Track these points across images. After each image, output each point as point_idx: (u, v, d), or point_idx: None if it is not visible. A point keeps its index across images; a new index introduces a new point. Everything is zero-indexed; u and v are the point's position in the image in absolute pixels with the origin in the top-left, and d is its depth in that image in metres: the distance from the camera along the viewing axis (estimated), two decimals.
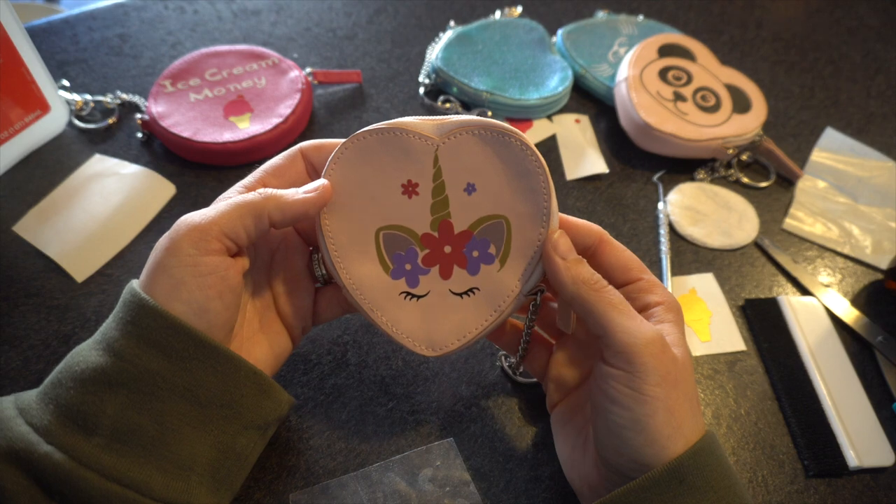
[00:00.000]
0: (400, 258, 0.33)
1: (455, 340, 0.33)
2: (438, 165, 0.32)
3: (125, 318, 0.29)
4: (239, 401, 0.30)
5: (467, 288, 0.33)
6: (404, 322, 0.33)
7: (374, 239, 0.33)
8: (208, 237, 0.29)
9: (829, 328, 0.46)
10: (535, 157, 0.31)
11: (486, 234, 0.32)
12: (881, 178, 0.58)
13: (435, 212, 0.33)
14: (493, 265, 0.33)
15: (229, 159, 0.51)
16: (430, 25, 0.66)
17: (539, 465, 0.38)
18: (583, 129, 0.58)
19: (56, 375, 0.29)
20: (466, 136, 0.32)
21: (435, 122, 0.32)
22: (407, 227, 0.33)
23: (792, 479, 0.39)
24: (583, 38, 0.63)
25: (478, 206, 0.32)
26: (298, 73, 0.55)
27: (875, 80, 0.69)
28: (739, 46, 0.70)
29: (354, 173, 0.32)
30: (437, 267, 0.33)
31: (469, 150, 0.32)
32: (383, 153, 0.32)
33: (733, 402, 0.42)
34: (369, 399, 0.40)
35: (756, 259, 0.51)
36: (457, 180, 0.32)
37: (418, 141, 0.32)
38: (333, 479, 0.36)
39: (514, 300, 0.33)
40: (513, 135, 0.31)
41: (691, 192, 0.54)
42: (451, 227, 0.33)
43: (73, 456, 0.26)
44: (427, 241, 0.33)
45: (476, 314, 0.33)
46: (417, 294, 0.33)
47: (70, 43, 0.60)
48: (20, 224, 0.46)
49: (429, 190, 0.32)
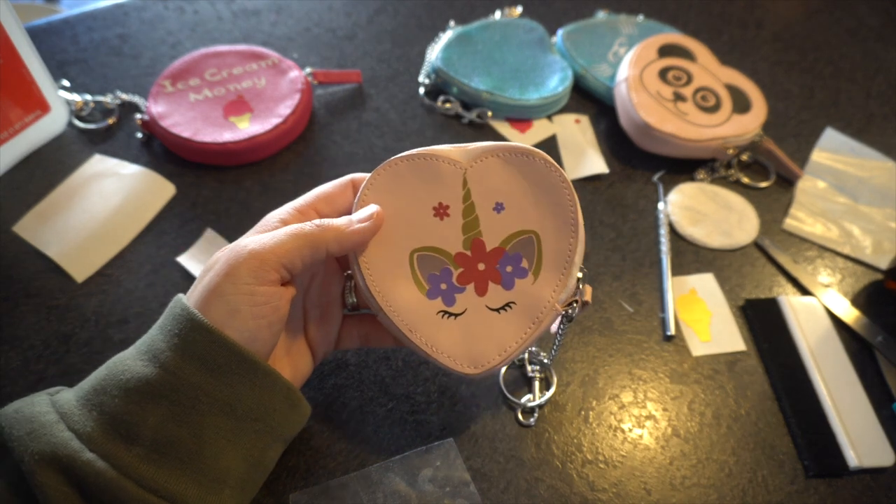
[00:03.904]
0: (435, 278, 0.34)
1: (496, 356, 0.33)
2: (468, 188, 0.33)
3: (173, 332, 0.29)
4: (271, 414, 0.30)
5: (504, 303, 0.33)
6: (443, 341, 0.33)
7: (409, 261, 0.34)
8: (266, 266, 0.29)
9: (829, 328, 0.46)
10: (559, 173, 0.33)
11: (518, 248, 0.33)
12: (881, 179, 0.58)
13: (466, 231, 0.33)
14: (527, 279, 0.33)
15: (229, 159, 0.51)
16: (430, 25, 0.66)
17: (539, 465, 0.38)
18: (583, 129, 0.58)
19: (100, 382, 0.29)
20: (493, 160, 0.33)
21: (462, 148, 0.34)
22: (440, 247, 0.34)
23: (792, 479, 0.39)
24: (583, 38, 0.63)
25: (507, 224, 0.33)
26: (298, 74, 0.55)
27: (875, 80, 0.69)
28: (739, 46, 0.70)
29: (387, 199, 0.33)
30: (472, 284, 0.34)
31: (496, 172, 0.33)
32: (414, 178, 0.33)
33: (733, 402, 0.42)
34: (369, 399, 0.40)
35: (756, 259, 0.51)
36: (486, 200, 0.33)
37: (447, 165, 0.33)
38: (333, 479, 0.36)
39: (551, 311, 0.33)
40: (536, 155, 0.33)
41: (691, 192, 0.54)
42: (483, 245, 0.33)
43: (114, 465, 0.26)
44: (461, 260, 0.34)
45: (515, 328, 0.33)
46: (455, 312, 0.33)
47: (70, 43, 0.60)
48: (20, 224, 0.46)
49: (459, 211, 0.33)
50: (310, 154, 0.53)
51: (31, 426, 0.27)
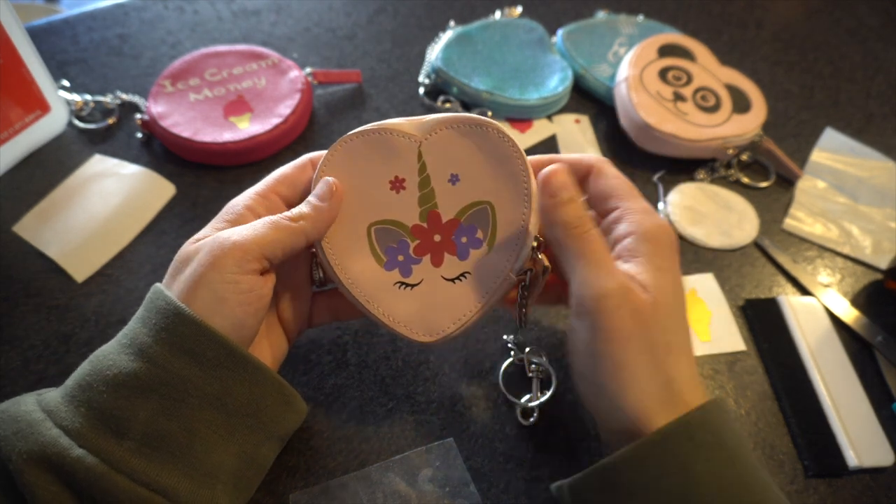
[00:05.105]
0: (392, 250, 0.34)
1: (451, 324, 0.34)
2: (423, 160, 0.34)
3: (159, 325, 0.29)
4: (263, 410, 0.30)
5: (459, 273, 0.34)
6: (401, 311, 0.34)
7: (367, 234, 0.34)
8: (250, 257, 0.30)
9: (829, 328, 0.46)
10: (511, 143, 0.33)
11: (473, 220, 0.34)
12: (881, 179, 0.58)
13: (423, 203, 0.34)
14: (482, 249, 0.34)
15: (229, 159, 0.51)
16: (430, 25, 0.66)
17: (539, 465, 0.38)
18: (583, 129, 0.58)
19: (84, 378, 0.28)
20: (447, 132, 0.34)
21: (416, 121, 0.34)
22: (397, 220, 0.34)
23: (792, 478, 0.39)
24: (583, 38, 0.63)
25: (462, 195, 0.34)
26: (298, 73, 0.55)
27: (875, 80, 0.69)
28: (739, 46, 0.70)
29: (344, 174, 0.34)
30: (428, 256, 0.34)
31: (450, 144, 0.34)
32: (370, 153, 0.34)
33: (733, 402, 0.42)
34: (369, 399, 0.40)
35: (756, 259, 0.51)
36: (441, 172, 0.34)
37: (402, 139, 0.34)
38: (333, 479, 0.36)
39: (504, 281, 0.33)
40: (489, 125, 0.33)
41: (691, 192, 0.54)
42: (438, 217, 0.34)
43: (104, 459, 0.26)
44: (417, 231, 0.34)
45: (469, 297, 0.34)
46: (411, 283, 0.34)
47: (70, 43, 0.60)
48: (20, 224, 0.46)
49: (415, 184, 0.34)
50: None
51: (18, 425, 0.27)
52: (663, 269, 0.30)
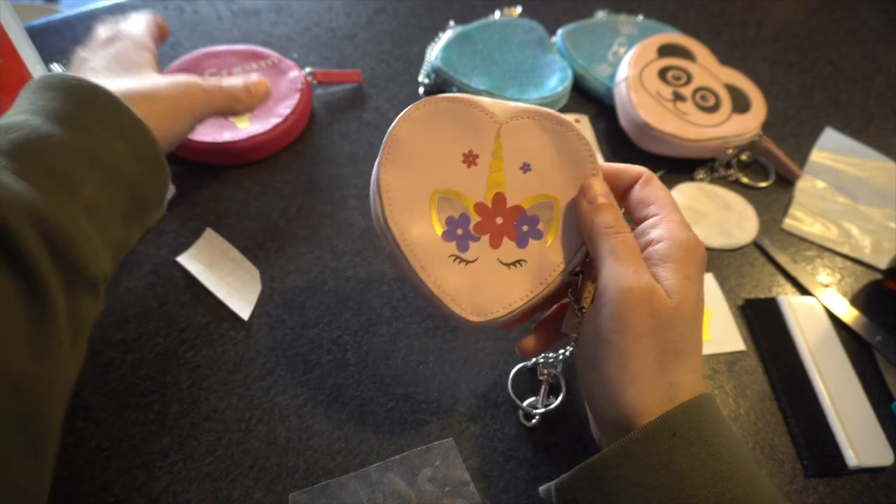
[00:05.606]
0: (453, 222, 0.34)
1: (500, 308, 0.33)
2: (500, 142, 0.34)
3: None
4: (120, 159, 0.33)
5: (515, 259, 0.34)
6: (451, 284, 0.33)
7: (430, 200, 0.34)
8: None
9: (829, 328, 0.46)
10: (588, 149, 0.34)
11: (537, 211, 0.34)
12: (880, 178, 0.58)
13: (491, 184, 0.34)
14: (542, 241, 0.34)
15: (229, 159, 0.51)
16: (430, 25, 0.66)
17: (539, 465, 0.38)
18: (582, 128, 0.58)
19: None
20: (528, 121, 0.34)
21: (501, 103, 0.35)
22: (463, 193, 0.34)
23: (791, 478, 0.39)
24: (582, 38, 0.63)
25: (531, 185, 0.34)
26: (298, 73, 0.55)
27: (875, 80, 0.69)
28: (739, 46, 0.70)
29: (420, 134, 0.34)
30: (487, 236, 0.34)
31: (529, 134, 0.34)
32: (451, 120, 0.34)
33: (733, 402, 0.42)
34: (369, 399, 0.40)
35: (756, 259, 0.51)
36: (515, 158, 0.34)
37: (485, 116, 0.34)
38: (333, 479, 0.36)
39: (559, 276, 0.33)
40: (570, 127, 0.34)
41: (691, 192, 0.54)
42: (504, 200, 0.34)
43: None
44: (480, 210, 0.34)
45: (522, 285, 0.33)
46: (467, 259, 0.34)
47: (70, 43, 0.60)
48: None
49: (487, 163, 0.34)
50: (310, 154, 0.53)
51: None
52: (691, 280, 0.30)
